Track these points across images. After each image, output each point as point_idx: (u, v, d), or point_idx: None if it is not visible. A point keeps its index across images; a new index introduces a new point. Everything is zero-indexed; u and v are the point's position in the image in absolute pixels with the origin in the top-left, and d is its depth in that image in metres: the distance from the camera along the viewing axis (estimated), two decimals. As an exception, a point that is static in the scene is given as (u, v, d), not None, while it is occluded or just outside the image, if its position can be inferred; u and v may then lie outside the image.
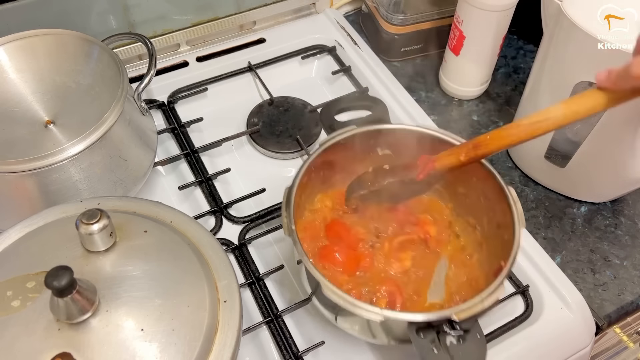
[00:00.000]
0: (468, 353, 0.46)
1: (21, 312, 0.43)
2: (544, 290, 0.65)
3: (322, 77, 0.88)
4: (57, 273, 0.39)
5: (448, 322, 0.47)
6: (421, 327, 0.48)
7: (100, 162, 0.61)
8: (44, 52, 0.65)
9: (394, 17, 0.86)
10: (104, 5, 0.77)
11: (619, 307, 0.66)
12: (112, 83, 0.63)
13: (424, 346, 0.47)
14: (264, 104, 0.82)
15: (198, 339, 0.44)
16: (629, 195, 0.76)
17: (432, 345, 0.47)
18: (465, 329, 0.47)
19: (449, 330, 0.47)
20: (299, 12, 0.94)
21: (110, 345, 0.42)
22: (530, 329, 0.62)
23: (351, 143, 0.62)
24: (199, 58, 0.87)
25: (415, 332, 0.47)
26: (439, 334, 0.47)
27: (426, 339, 0.47)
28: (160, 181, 0.74)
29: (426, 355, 0.46)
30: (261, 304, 0.63)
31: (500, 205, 0.57)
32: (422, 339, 0.47)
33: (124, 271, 0.46)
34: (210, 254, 0.50)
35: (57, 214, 0.51)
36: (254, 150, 0.78)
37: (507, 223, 0.55)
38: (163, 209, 0.53)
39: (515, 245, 0.53)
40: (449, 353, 0.46)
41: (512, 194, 0.56)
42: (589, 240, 0.71)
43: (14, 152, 0.58)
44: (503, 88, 0.89)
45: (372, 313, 0.48)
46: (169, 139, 0.78)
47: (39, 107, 0.62)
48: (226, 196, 0.71)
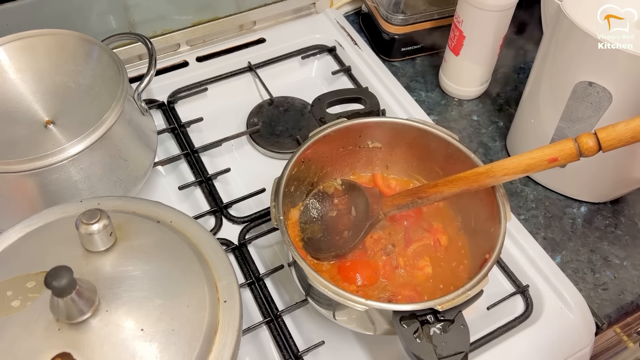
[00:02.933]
0: (451, 342, 0.48)
1: (21, 312, 0.43)
2: (544, 290, 0.65)
3: (322, 77, 0.88)
4: (57, 273, 0.39)
5: (432, 313, 0.49)
6: (405, 317, 0.49)
7: (100, 162, 0.60)
8: (44, 52, 0.65)
9: (394, 17, 0.86)
10: (104, 5, 0.77)
11: (618, 307, 0.66)
12: (112, 83, 0.63)
13: (407, 336, 0.48)
14: (264, 104, 0.82)
15: (198, 339, 0.44)
16: (628, 195, 0.76)
17: (415, 335, 0.48)
18: (449, 320, 0.49)
19: (433, 321, 0.49)
20: (299, 12, 0.94)
21: (110, 345, 0.42)
22: (530, 329, 0.62)
23: (341, 135, 0.62)
24: (198, 58, 0.87)
25: (400, 322, 0.49)
26: (423, 325, 0.49)
27: (410, 329, 0.49)
28: (160, 181, 0.74)
29: (409, 344, 0.48)
30: (261, 304, 0.63)
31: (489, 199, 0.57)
32: (405, 329, 0.49)
33: (124, 271, 0.46)
34: (210, 254, 0.50)
35: (57, 214, 0.51)
36: (253, 150, 0.78)
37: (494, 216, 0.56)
38: (163, 209, 0.53)
39: (500, 238, 0.54)
40: (432, 342, 0.48)
41: (500, 187, 0.57)
42: (589, 240, 0.71)
43: (14, 152, 0.58)
44: (503, 88, 0.89)
45: (356, 303, 0.49)
46: (169, 139, 0.78)
47: (38, 107, 0.62)
48: (226, 196, 0.71)
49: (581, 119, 0.66)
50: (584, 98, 0.64)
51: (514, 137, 0.79)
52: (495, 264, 0.53)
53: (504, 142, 0.81)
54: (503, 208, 0.56)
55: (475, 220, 0.61)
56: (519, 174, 0.53)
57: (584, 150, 0.49)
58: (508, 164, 0.53)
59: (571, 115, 0.67)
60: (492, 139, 0.82)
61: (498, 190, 0.56)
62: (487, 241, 0.56)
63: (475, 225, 0.61)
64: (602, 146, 0.49)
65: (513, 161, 0.52)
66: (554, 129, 0.69)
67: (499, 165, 0.53)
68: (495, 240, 0.54)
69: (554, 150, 0.50)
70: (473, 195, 0.58)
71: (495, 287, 0.65)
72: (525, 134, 0.76)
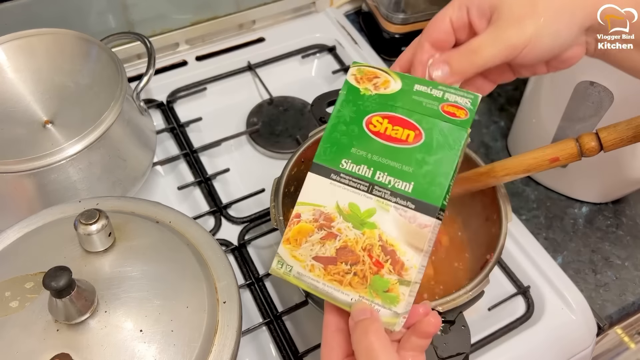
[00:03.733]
0: (452, 343, 0.48)
1: (20, 312, 0.43)
2: (545, 291, 0.64)
3: (322, 76, 0.88)
4: (55, 274, 0.39)
5: None
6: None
7: (99, 162, 0.60)
8: (42, 51, 0.65)
9: (395, 16, 0.86)
10: (103, 5, 0.76)
11: (620, 307, 0.65)
12: (111, 82, 0.63)
13: None
14: (264, 103, 0.82)
15: (197, 339, 0.44)
16: (630, 196, 0.75)
17: None
18: (450, 321, 0.49)
19: None
20: (298, 11, 0.94)
21: (109, 346, 0.41)
22: (531, 330, 0.61)
23: None
24: (198, 57, 0.87)
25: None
26: None
27: None
28: (159, 181, 0.74)
29: None
30: (261, 305, 0.62)
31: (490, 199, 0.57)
32: None
33: (122, 272, 0.45)
34: (210, 255, 0.50)
35: (55, 214, 0.51)
36: (253, 150, 0.78)
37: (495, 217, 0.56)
38: (162, 209, 0.53)
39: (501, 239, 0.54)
40: (432, 343, 0.47)
41: (501, 187, 0.56)
42: (590, 241, 0.71)
43: (12, 152, 0.57)
44: (504, 87, 0.88)
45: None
46: (168, 139, 0.78)
47: (37, 107, 0.62)
48: (225, 196, 0.71)
49: (582, 118, 0.66)
50: (585, 98, 0.64)
51: (515, 137, 0.79)
52: (496, 264, 0.52)
53: (505, 141, 0.81)
54: (504, 208, 0.55)
55: (476, 220, 0.61)
56: (520, 174, 0.52)
57: (586, 150, 0.49)
58: (509, 164, 0.52)
59: (572, 115, 0.67)
60: (493, 138, 0.82)
61: (499, 191, 0.56)
62: (488, 242, 0.56)
63: (476, 225, 0.61)
64: (604, 146, 0.48)
65: (514, 161, 0.52)
66: (555, 129, 0.69)
67: (500, 165, 0.53)
68: (496, 241, 0.54)
69: (555, 150, 0.50)
70: (474, 195, 0.58)
71: (496, 287, 0.65)
72: (527, 134, 0.76)
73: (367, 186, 0.42)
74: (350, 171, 0.43)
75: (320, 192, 0.43)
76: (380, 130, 0.43)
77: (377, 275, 0.41)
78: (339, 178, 0.43)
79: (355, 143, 0.43)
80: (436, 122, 0.42)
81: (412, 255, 0.40)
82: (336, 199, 0.43)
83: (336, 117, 0.45)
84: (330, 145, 0.44)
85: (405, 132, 0.42)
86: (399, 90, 0.44)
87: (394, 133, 0.42)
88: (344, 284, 0.41)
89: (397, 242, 0.41)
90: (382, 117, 0.43)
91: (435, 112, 0.42)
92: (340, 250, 0.42)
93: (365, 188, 0.42)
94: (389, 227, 0.41)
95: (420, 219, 0.41)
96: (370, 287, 0.41)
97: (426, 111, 0.42)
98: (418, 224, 0.40)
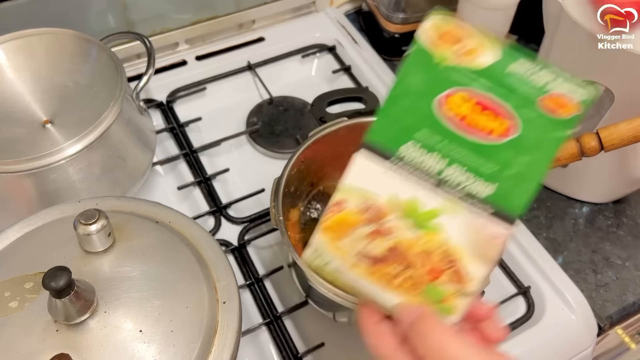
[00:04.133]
0: None
1: (19, 313, 0.42)
2: (546, 291, 0.64)
3: (322, 76, 0.88)
4: (55, 274, 0.39)
5: None
6: None
7: (99, 162, 0.60)
8: (42, 51, 0.65)
9: (395, 15, 0.86)
10: (103, 4, 0.76)
11: (621, 308, 0.65)
12: (111, 82, 0.62)
13: None
14: (264, 103, 0.82)
15: (197, 340, 0.43)
16: (630, 196, 0.75)
17: None
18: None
19: None
20: (298, 10, 0.94)
21: (108, 346, 0.41)
22: (531, 330, 0.61)
23: (342, 135, 0.61)
24: (198, 57, 0.86)
25: None
26: None
27: None
28: (159, 181, 0.74)
29: None
30: (261, 305, 0.62)
31: None
32: None
33: (122, 272, 0.45)
34: (210, 255, 0.50)
35: (55, 215, 0.51)
36: (253, 150, 0.78)
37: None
38: (162, 210, 0.53)
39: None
40: None
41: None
42: (591, 241, 0.71)
43: (11, 152, 0.57)
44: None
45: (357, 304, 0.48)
46: (168, 139, 0.78)
47: (36, 107, 0.62)
48: (225, 196, 0.71)
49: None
50: (585, 97, 0.64)
51: (515, 137, 0.79)
52: (496, 264, 0.52)
53: (504, 141, 0.81)
54: None
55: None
56: None
57: (586, 150, 0.49)
58: None
59: (573, 115, 0.66)
60: (492, 138, 0.81)
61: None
62: None
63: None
64: (604, 146, 0.48)
65: None
66: (555, 129, 0.69)
67: None
68: None
69: None
70: None
71: (496, 288, 0.65)
72: (527, 134, 0.76)
73: (435, 181, 0.35)
74: (413, 160, 0.35)
75: (373, 179, 0.36)
76: (461, 113, 0.35)
77: (432, 284, 0.36)
78: (400, 165, 0.36)
79: (423, 124, 0.35)
80: (535, 114, 0.35)
81: (479, 266, 0.35)
82: (392, 190, 0.36)
83: (400, 85, 0.36)
84: (390, 123, 0.36)
85: (497, 121, 0.35)
86: (492, 64, 0.35)
87: (481, 120, 0.35)
88: (393, 287, 0.36)
89: (463, 250, 0.35)
90: (470, 96, 0.35)
91: (531, 102, 0.35)
92: (392, 251, 0.36)
93: (433, 183, 0.35)
94: (456, 232, 0.35)
95: (495, 227, 0.35)
96: (422, 294, 0.36)
97: (521, 100, 0.35)
98: (491, 232, 0.35)
